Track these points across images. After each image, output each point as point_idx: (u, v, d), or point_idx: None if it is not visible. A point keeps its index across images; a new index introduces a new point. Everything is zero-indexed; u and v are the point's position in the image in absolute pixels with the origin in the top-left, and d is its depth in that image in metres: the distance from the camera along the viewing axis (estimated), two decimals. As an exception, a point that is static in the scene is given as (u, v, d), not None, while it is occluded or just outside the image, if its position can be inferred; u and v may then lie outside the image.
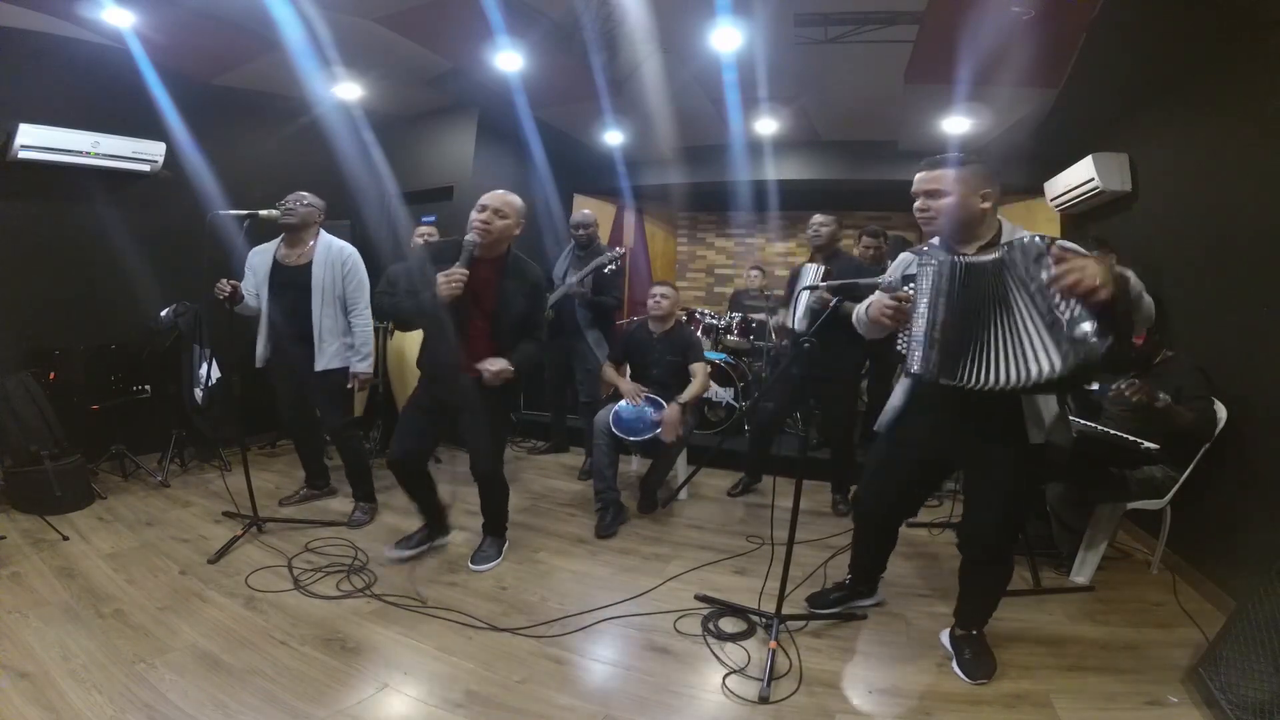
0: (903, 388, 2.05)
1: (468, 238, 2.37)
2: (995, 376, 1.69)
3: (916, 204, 1.92)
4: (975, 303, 1.73)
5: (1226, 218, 2.67)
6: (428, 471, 2.78)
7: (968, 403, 1.80)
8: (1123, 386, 2.37)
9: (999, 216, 1.91)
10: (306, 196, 3.08)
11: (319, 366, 3.05)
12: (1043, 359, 1.63)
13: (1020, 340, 1.67)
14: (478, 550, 2.77)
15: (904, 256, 2.09)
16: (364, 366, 3.12)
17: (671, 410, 3.21)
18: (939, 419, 1.93)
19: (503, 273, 2.49)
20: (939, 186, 1.86)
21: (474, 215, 2.42)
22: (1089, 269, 1.49)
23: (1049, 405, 1.83)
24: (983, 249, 1.87)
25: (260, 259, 3.13)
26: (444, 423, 2.67)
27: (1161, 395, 2.37)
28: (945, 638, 2.19)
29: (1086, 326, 1.53)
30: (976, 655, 2.05)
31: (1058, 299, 1.58)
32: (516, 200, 2.50)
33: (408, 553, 2.74)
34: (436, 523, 2.86)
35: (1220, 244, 2.71)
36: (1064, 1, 3.06)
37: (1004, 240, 1.86)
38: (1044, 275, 1.59)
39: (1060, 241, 1.61)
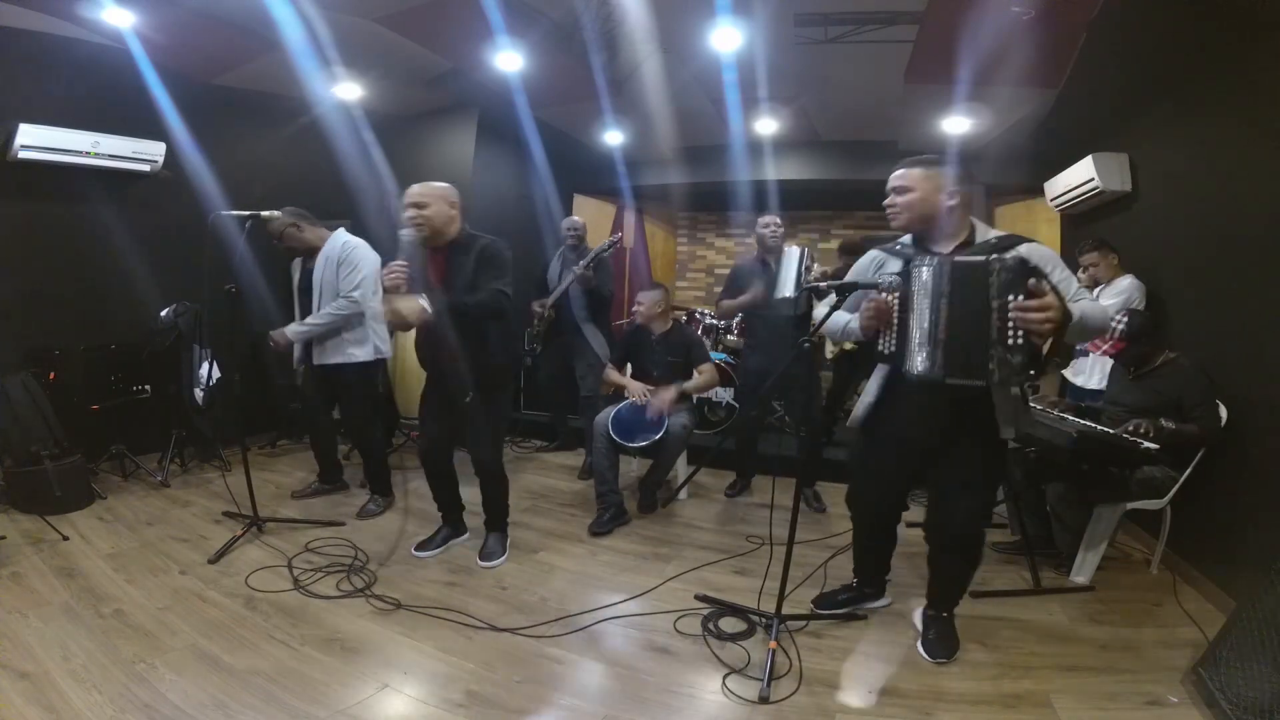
0: (876, 382, 2.07)
1: (402, 233, 2.44)
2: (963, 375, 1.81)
3: (886, 200, 2.01)
4: (976, 303, 1.77)
5: (1226, 218, 2.67)
6: (452, 466, 2.84)
7: (941, 394, 1.85)
8: (1129, 429, 2.45)
9: (972, 219, 1.98)
10: (285, 224, 3.12)
11: (317, 360, 3.14)
12: (983, 369, 1.77)
13: (977, 344, 1.77)
14: (484, 548, 2.79)
15: (874, 254, 2.12)
16: (290, 331, 3.11)
17: (667, 391, 3.25)
18: (914, 410, 1.97)
19: (455, 253, 2.54)
20: (905, 184, 1.95)
21: (405, 213, 2.48)
22: (1052, 314, 1.63)
23: (1015, 400, 1.87)
24: (959, 248, 1.93)
25: (295, 268, 3.36)
26: (455, 412, 2.69)
27: (1165, 423, 2.44)
28: (916, 616, 2.24)
29: (1020, 358, 1.71)
30: (940, 636, 2.11)
31: (1011, 322, 1.69)
32: (435, 186, 2.52)
33: (431, 553, 2.80)
34: (456, 520, 2.93)
35: (1220, 244, 2.71)
36: (1064, 1, 3.06)
37: (978, 241, 1.93)
38: (1011, 297, 1.69)
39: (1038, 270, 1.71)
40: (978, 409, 1.85)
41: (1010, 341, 1.71)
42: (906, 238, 2.06)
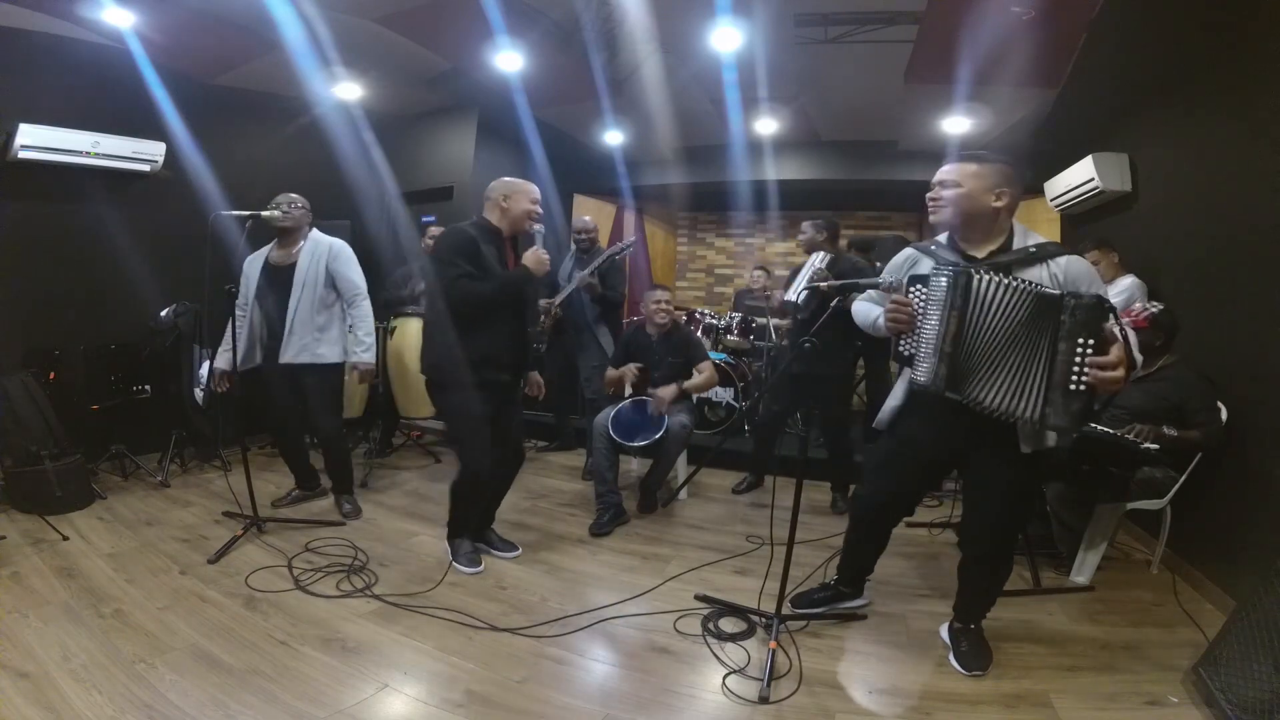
0: (903, 385, 2.04)
1: (537, 227, 2.60)
2: (992, 400, 1.76)
3: (929, 193, 1.94)
4: (999, 324, 1.73)
5: (1226, 218, 2.67)
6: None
7: (965, 406, 1.81)
8: (1132, 435, 2.45)
9: (1013, 221, 1.92)
10: (299, 200, 3.09)
11: (283, 359, 3.02)
12: (1029, 404, 1.73)
13: (1024, 377, 1.73)
14: (501, 539, 2.86)
15: (908, 252, 2.08)
16: (367, 357, 3.12)
17: (668, 389, 3.27)
18: (939, 420, 1.93)
19: (522, 245, 2.67)
20: (953, 178, 1.88)
21: (530, 207, 2.59)
22: (1121, 372, 1.60)
23: None
24: (994, 253, 1.87)
25: (253, 266, 3.15)
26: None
27: (1167, 430, 2.45)
28: (944, 631, 2.21)
29: (1079, 406, 1.67)
30: (973, 648, 2.07)
31: (1077, 371, 1.65)
32: None
33: (479, 569, 2.67)
34: (488, 530, 2.89)
35: (1220, 244, 2.71)
36: (1064, 1, 3.06)
37: (1016, 246, 1.87)
38: (1080, 341, 1.64)
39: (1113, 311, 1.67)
40: (1000, 421, 1.81)
41: (1072, 388, 1.66)
42: (942, 237, 2.00)
